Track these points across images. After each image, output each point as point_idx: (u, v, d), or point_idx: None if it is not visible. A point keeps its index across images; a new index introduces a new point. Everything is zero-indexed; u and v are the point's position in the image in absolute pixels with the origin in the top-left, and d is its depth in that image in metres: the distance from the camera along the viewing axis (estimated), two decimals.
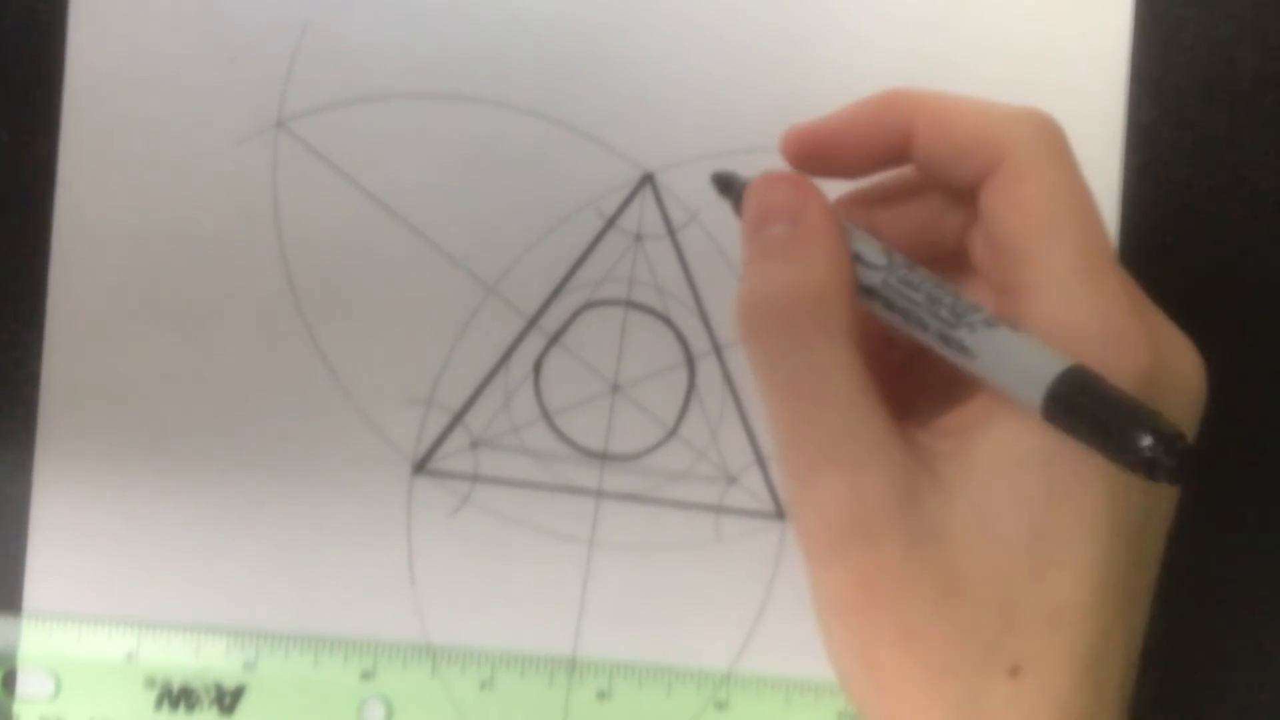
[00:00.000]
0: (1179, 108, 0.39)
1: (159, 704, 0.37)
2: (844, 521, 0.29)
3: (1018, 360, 0.28)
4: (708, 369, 0.38)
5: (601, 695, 0.37)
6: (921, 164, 0.32)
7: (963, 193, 0.32)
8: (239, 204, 0.38)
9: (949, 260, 0.33)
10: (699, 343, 0.38)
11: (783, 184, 0.31)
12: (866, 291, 0.30)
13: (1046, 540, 0.28)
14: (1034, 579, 0.28)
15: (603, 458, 0.38)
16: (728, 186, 0.34)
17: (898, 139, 0.32)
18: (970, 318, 0.29)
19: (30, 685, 0.37)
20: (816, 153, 0.33)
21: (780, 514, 0.38)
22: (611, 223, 0.38)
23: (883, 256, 0.30)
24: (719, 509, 0.38)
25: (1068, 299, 0.29)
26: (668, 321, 0.38)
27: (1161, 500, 0.30)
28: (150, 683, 0.37)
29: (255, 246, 0.38)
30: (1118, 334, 0.28)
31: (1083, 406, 0.26)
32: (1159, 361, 0.29)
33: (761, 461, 0.38)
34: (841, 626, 0.29)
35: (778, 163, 0.38)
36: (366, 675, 0.37)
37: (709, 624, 0.38)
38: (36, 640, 0.37)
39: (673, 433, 0.38)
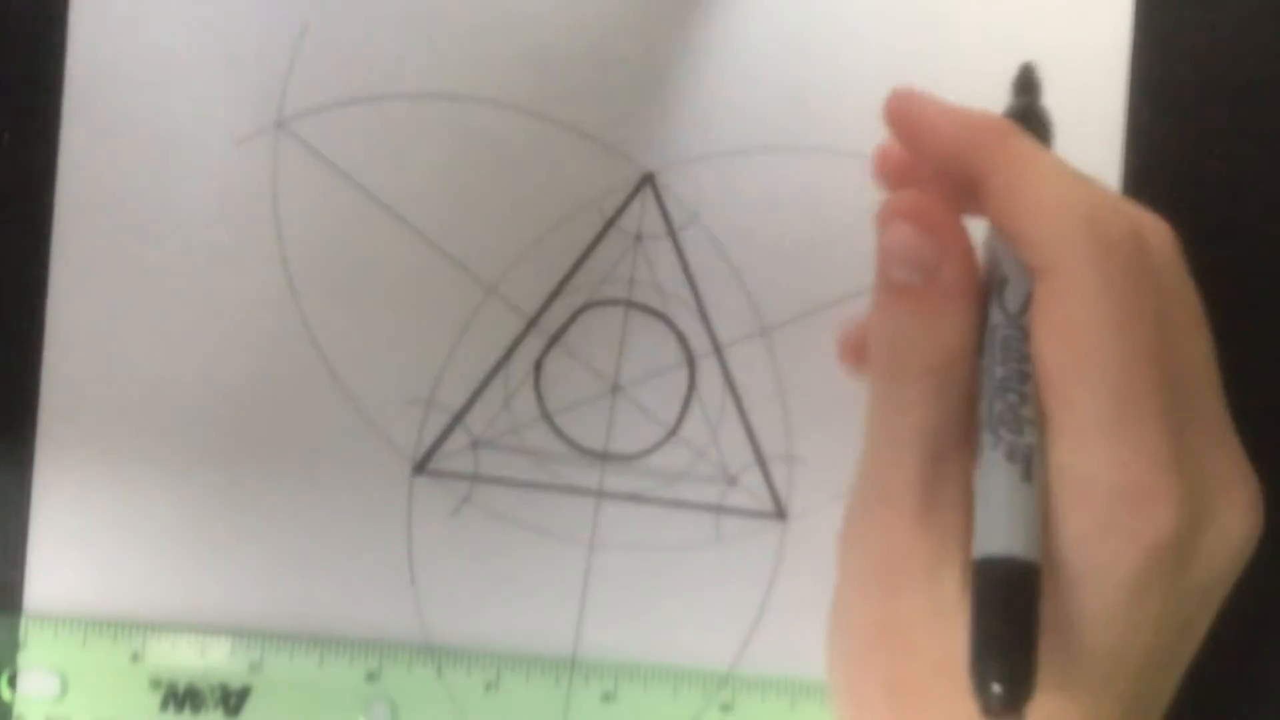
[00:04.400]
0: (1179, 108, 0.39)
1: (164, 705, 0.37)
2: (877, 570, 0.29)
3: (990, 506, 0.27)
4: (708, 369, 0.38)
5: (606, 697, 0.37)
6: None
7: None
8: (239, 204, 0.38)
9: None
10: (699, 343, 0.38)
11: (920, 227, 0.29)
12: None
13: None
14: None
15: (603, 458, 0.38)
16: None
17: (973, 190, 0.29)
18: (1011, 432, 0.27)
19: (36, 685, 0.37)
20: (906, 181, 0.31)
21: (780, 514, 0.38)
22: (611, 223, 0.38)
23: (1010, 310, 0.29)
24: (719, 509, 0.38)
25: (1086, 450, 0.27)
26: (668, 321, 0.38)
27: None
28: (156, 684, 0.37)
29: (255, 246, 0.38)
30: (1136, 491, 0.26)
31: (988, 598, 0.26)
32: (1192, 518, 0.27)
33: (762, 461, 0.38)
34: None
35: (779, 163, 0.38)
36: (372, 676, 0.37)
37: (709, 624, 0.38)
38: (42, 640, 0.37)
39: (673, 433, 0.38)
